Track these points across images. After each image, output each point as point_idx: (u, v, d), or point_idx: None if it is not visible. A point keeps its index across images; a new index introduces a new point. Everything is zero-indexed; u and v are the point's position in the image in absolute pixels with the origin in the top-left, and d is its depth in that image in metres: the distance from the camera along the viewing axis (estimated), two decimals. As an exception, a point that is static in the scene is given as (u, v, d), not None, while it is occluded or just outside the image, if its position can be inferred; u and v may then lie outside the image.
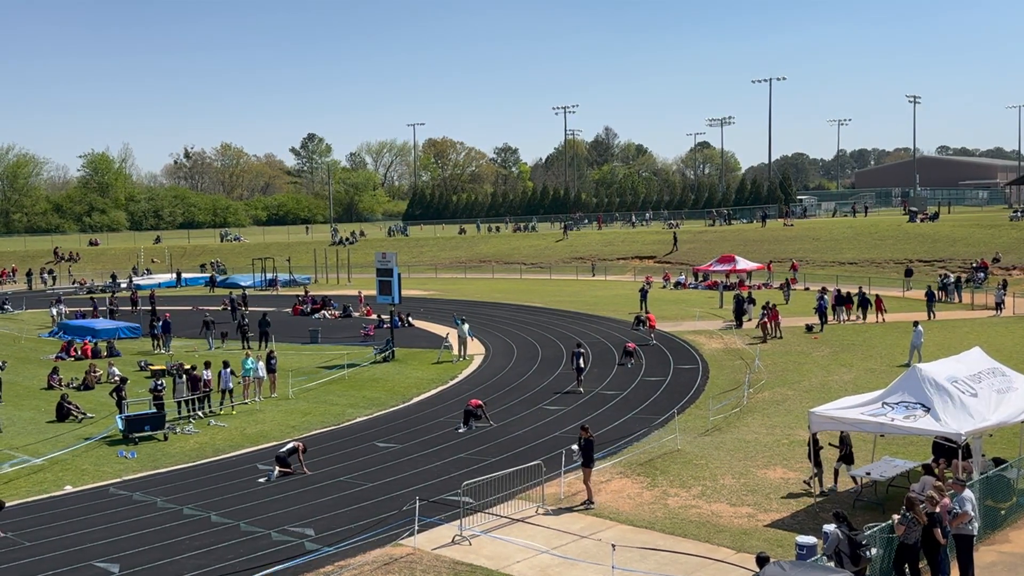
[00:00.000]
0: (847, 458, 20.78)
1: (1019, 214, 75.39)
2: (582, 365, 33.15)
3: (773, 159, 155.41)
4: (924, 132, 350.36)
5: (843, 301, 46.66)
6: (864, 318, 45.51)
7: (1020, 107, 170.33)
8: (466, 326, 40.42)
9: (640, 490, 21.15)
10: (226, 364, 31.93)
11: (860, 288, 48.20)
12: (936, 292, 51.69)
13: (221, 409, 31.04)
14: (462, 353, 39.42)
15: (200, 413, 30.38)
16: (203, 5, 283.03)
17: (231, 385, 31.51)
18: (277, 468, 23.16)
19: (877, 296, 47.71)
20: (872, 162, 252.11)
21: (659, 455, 23.85)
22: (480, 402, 28.84)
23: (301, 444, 24.09)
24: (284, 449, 24.07)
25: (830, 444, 21.31)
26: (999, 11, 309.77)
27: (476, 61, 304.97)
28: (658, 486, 21.40)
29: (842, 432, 20.56)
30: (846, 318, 45.63)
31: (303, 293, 61.41)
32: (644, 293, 53.24)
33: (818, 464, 20.58)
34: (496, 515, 19.15)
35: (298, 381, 35.06)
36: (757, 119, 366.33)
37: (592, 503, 20.12)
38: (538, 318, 52.41)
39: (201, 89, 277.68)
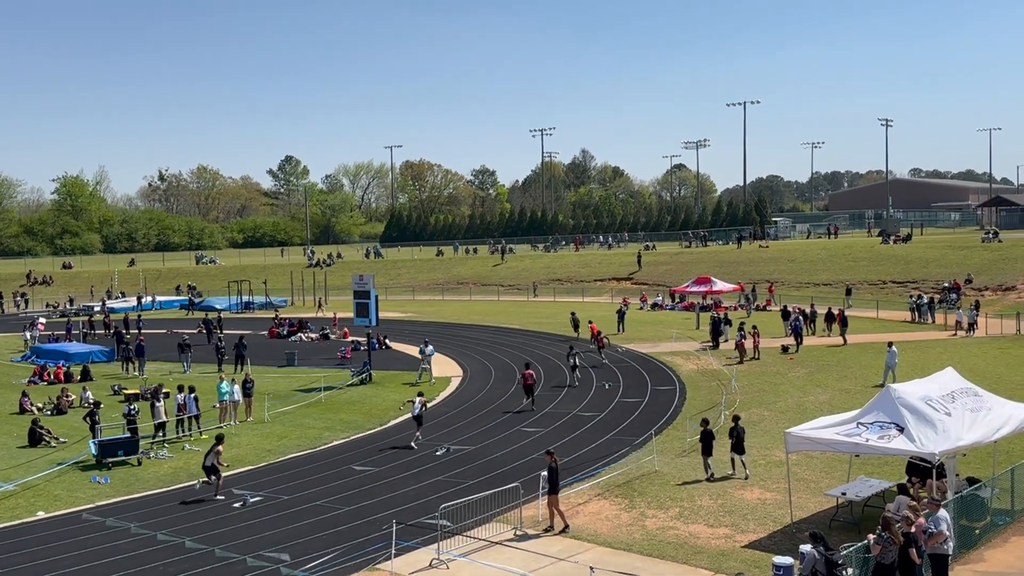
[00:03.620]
0: (737, 447, 23.53)
1: (991, 235, 76.24)
2: (578, 363, 36.05)
3: (748, 181, 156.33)
4: (897, 155, 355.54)
5: (808, 319, 48.26)
6: (830, 332, 46.48)
7: (991, 130, 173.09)
8: (430, 348, 40.15)
9: (618, 512, 21.11)
10: (191, 389, 31.39)
11: (829, 308, 48.42)
12: (915, 311, 52.10)
13: (190, 435, 30.71)
14: (425, 377, 39.32)
15: (166, 438, 30.12)
16: (181, 28, 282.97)
17: (196, 410, 30.95)
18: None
19: (840, 311, 48.58)
20: (846, 184, 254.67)
21: (637, 476, 23.78)
22: (533, 374, 32.63)
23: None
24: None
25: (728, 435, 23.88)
26: (971, 34, 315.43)
27: (454, 84, 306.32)
28: (636, 508, 21.33)
29: (733, 423, 23.77)
30: (808, 333, 46.73)
31: (275, 315, 61.15)
32: (621, 314, 53.46)
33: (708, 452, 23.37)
34: (474, 538, 19.03)
35: (274, 404, 34.82)
36: (732, 142, 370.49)
37: (556, 528, 19.92)
38: (515, 339, 52.29)
39: (177, 111, 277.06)
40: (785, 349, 43.42)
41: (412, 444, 28.06)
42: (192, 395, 31.08)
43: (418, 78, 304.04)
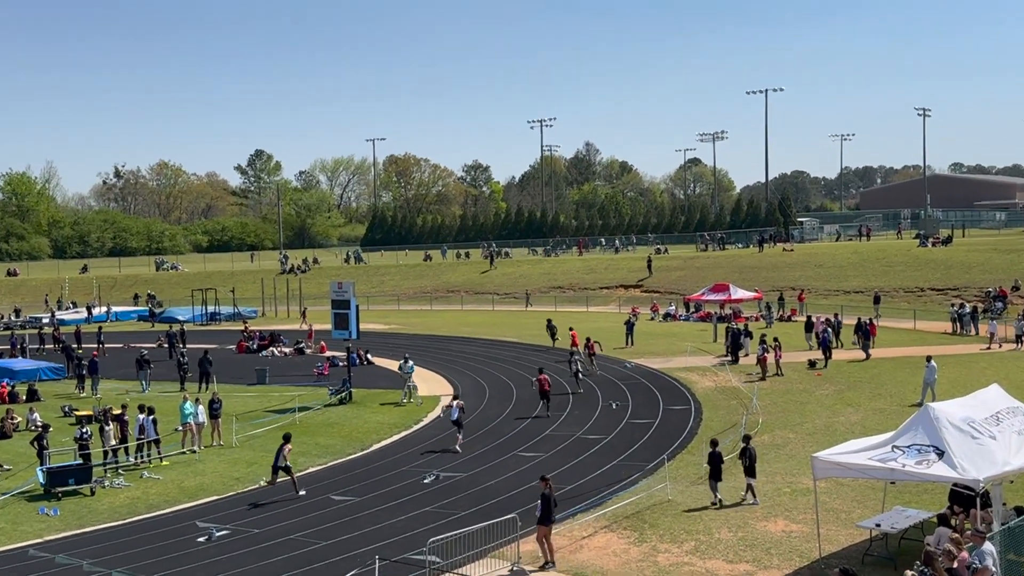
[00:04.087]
0: (749, 471, 23.69)
1: (1040, 237, 76.18)
2: (580, 369, 38.95)
3: (771, 178, 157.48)
4: (935, 148, 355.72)
5: (835, 330, 48.62)
6: (860, 346, 46.33)
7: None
8: (410, 364, 40.38)
9: (627, 546, 21.17)
10: (150, 411, 31.38)
11: (859, 319, 48.36)
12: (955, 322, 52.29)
13: (149, 461, 30.71)
14: (410, 396, 39.50)
15: (122, 465, 30.14)
16: (139, 7, 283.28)
17: (155, 434, 30.95)
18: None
19: (869, 321, 48.71)
20: (879, 181, 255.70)
21: (648, 506, 23.91)
22: (548, 379, 35.19)
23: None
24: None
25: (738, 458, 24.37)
26: (1017, 17, 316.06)
27: (442, 70, 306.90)
28: (647, 541, 21.42)
29: (744, 444, 24.09)
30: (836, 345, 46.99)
31: (244, 328, 61.40)
32: (630, 326, 53.64)
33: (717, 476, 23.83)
34: (466, 576, 18.97)
35: (243, 427, 34.93)
36: (753, 134, 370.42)
37: (551, 563, 19.93)
38: (510, 353, 52.58)
39: (136, 100, 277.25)
40: (812, 364, 43.65)
41: (456, 447, 30.24)
42: (151, 417, 31.07)
43: (403, 63, 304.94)
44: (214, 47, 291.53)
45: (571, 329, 49.79)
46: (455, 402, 31.54)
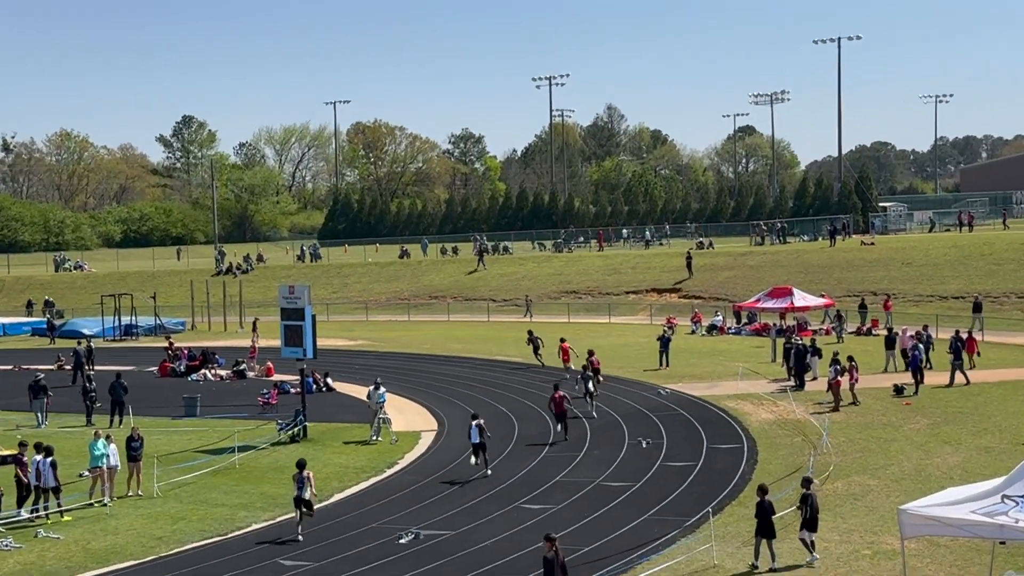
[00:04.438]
0: (809, 524, 24.15)
1: None
2: (591, 389, 41.08)
3: (845, 151, 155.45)
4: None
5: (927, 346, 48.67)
6: (958, 368, 45.92)
7: None
8: (381, 391, 40.52)
9: (660, 625, 21.10)
10: (48, 451, 31.19)
11: (956, 332, 48.08)
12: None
13: (46, 517, 30.58)
14: (385, 433, 40.02)
15: (10, 521, 29.88)
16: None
17: (55, 481, 30.80)
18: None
19: (969, 334, 48.91)
20: (984, 155, 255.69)
21: (687, 574, 23.91)
22: (565, 396, 37.95)
23: None
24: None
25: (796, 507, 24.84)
26: None
27: (422, 14, 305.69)
28: (686, 619, 21.35)
29: (805, 490, 24.45)
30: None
31: (168, 344, 61.54)
32: (665, 342, 53.60)
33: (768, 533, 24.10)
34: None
35: (168, 472, 34.76)
36: (822, 95, 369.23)
37: None
38: (513, 378, 52.90)
39: (31, 55, 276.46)
40: (899, 390, 43.72)
41: (487, 471, 33.09)
42: (49, 459, 30.78)
43: (371, 8, 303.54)
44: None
45: (562, 341, 51.10)
46: (474, 422, 33.79)
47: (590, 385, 41.66)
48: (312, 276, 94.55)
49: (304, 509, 27.87)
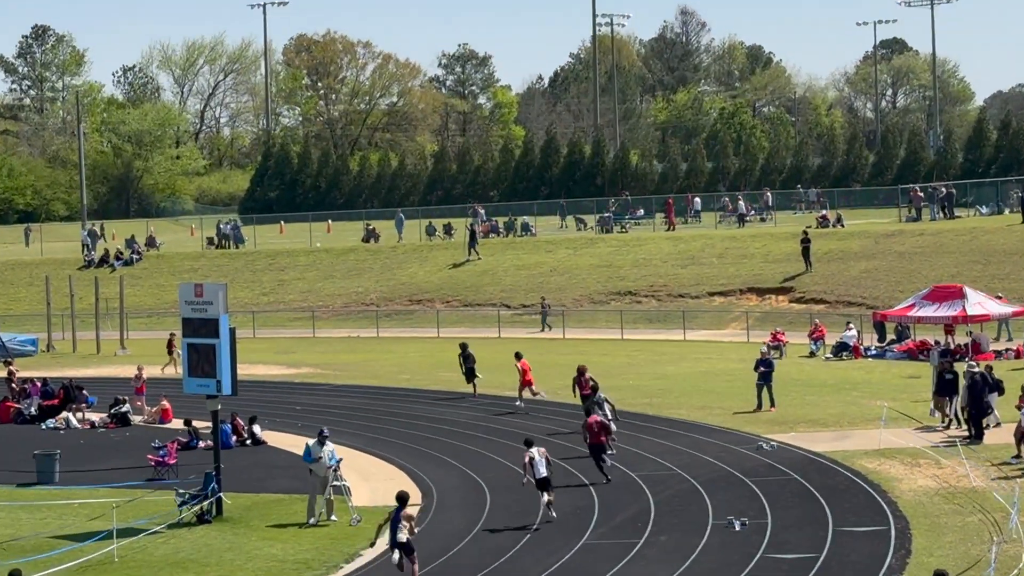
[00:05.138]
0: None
1: None
2: (609, 416, 38.04)
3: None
4: None
5: None
6: None
7: None
8: (328, 448, 34.87)
9: None
10: None
11: None
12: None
13: None
14: (343, 508, 34.76)
15: None
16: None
17: None
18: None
19: None
20: None
21: None
22: (602, 422, 35.46)
23: None
24: None
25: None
26: None
27: None
28: None
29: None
30: None
31: (9, 374, 54.97)
32: (767, 368, 45.65)
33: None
34: None
35: (10, 567, 28.87)
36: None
37: None
38: (537, 424, 45.57)
39: None
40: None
41: (552, 513, 31.61)
42: None
43: None
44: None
45: (519, 358, 46.73)
46: (535, 449, 32.39)
47: (609, 410, 39.22)
48: (231, 270, 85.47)
49: (403, 553, 26.83)
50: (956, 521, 30.41)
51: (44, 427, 48.19)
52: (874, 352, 57.82)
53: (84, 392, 50.67)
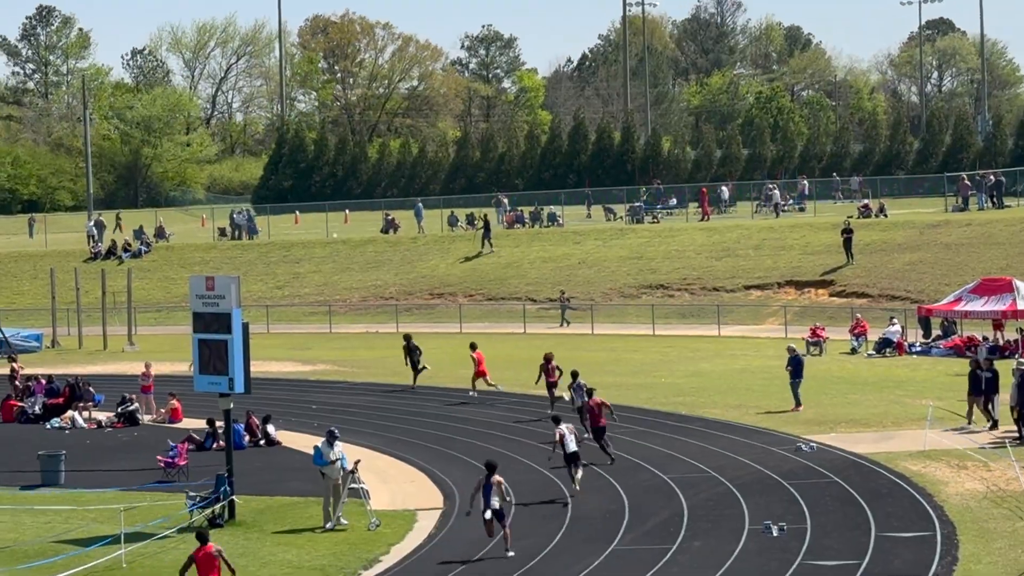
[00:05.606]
0: None
1: None
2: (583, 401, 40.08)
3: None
4: None
5: None
6: None
7: None
8: (337, 449, 33.99)
9: None
10: None
11: None
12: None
13: None
14: (335, 515, 33.84)
15: None
16: None
17: None
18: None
19: None
20: None
21: None
22: (603, 403, 36.34)
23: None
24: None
25: None
26: None
27: None
28: None
29: None
30: None
31: (13, 371, 54.09)
32: (797, 366, 44.50)
33: None
34: None
35: (12, 574, 30.62)
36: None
37: None
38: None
39: None
40: None
41: (576, 486, 33.00)
42: None
43: None
44: None
45: (474, 349, 47.71)
46: (564, 426, 33.82)
47: (584, 396, 39.82)
48: (243, 262, 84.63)
49: (496, 518, 28.60)
50: (1006, 527, 29.83)
51: (49, 426, 47.88)
52: (919, 348, 57.09)
53: (91, 390, 50.34)
